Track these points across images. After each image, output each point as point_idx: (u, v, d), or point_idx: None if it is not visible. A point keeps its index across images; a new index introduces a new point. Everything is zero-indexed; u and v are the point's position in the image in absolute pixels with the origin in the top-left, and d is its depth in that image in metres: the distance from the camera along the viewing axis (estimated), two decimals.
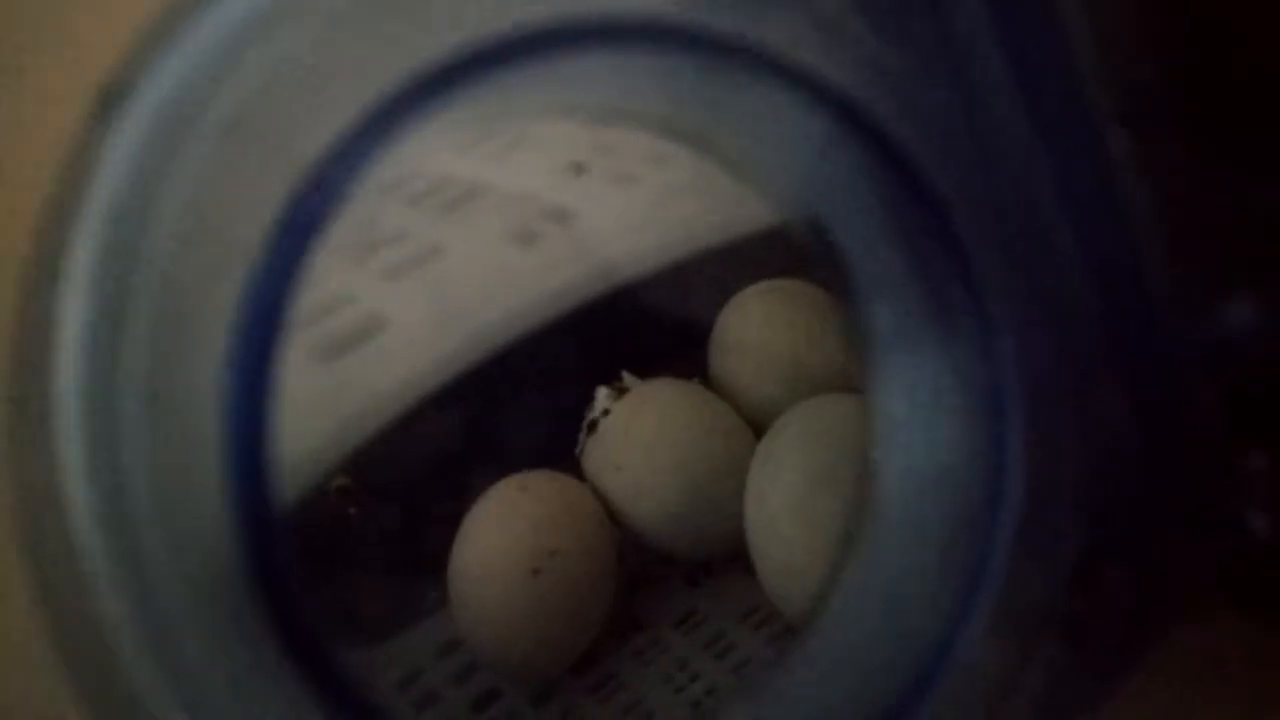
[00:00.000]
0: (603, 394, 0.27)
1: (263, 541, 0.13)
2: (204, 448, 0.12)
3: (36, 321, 0.12)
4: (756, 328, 0.27)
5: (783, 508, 0.24)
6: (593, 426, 0.27)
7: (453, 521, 0.25)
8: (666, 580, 0.27)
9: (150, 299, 0.12)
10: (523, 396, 0.26)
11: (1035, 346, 0.14)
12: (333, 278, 0.24)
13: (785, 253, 0.28)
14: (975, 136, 0.14)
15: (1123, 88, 0.14)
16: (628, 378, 0.27)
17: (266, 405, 0.13)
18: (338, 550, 0.25)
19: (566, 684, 0.25)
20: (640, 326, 0.28)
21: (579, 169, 0.25)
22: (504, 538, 0.25)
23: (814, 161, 0.14)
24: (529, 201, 0.25)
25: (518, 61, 0.13)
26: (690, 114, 0.15)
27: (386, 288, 0.24)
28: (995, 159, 0.14)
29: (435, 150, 0.16)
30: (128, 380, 0.12)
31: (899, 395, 0.15)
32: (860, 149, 0.14)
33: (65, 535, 0.12)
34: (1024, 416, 0.14)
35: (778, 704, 0.15)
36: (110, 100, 0.12)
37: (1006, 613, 0.14)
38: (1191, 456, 0.15)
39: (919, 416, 0.15)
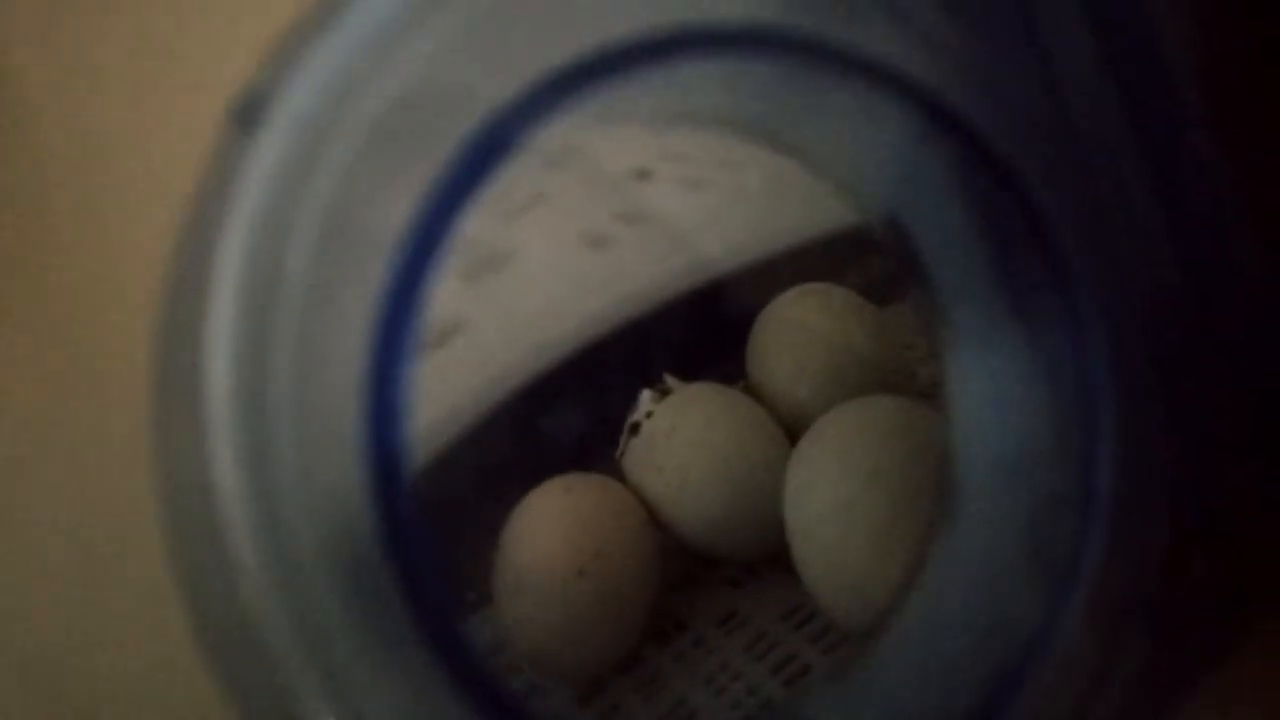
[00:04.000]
0: (646, 396, 0.27)
1: (395, 517, 0.13)
2: (345, 432, 0.13)
3: (182, 330, 0.13)
4: (791, 332, 0.28)
5: (823, 510, 0.24)
6: (635, 429, 0.27)
7: (495, 523, 0.26)
8: (708, 581, 0.27)
9: (294, 303, 0.13)
10: (565, 400, 0.27)
11: (1125, 340, 0.14)
12: None
13: (822, 258, 0.28)
14: (1062, 130, 0.14)
15: (1212, 87, 0.14)
16: (670, 380, 0.27)
17: (402, 398, 0.13)
18: None
19: (610, 684, 0.25)
20: (680, 332, 0.28)
21: (643, 174, 0.26)
22: (549, 539, 0.25)
23: (897, 159, 0.15)
24: (598, 204, 0.26)
25: (628, 70, 0.13)
26: (771, 115, 0.16)
27: (463, 291, 0.24)
28: (1083, 154, 0.14)
29: None
30: (275, 371, 0.13)
31: (979, 389, 0.15)
32: (945, 145, 0.14)
33: (212, 523, 0.12)
34: (1115, 410, 0.14)
35: (866, 692, 0.15)
36: (248, 110, 0.13)
37: (1098, 604, 0.14)
38: None
39: (1001, 409, 0.15)
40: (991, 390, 0.15)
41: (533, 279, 0.25)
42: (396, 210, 0.13)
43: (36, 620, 0.20)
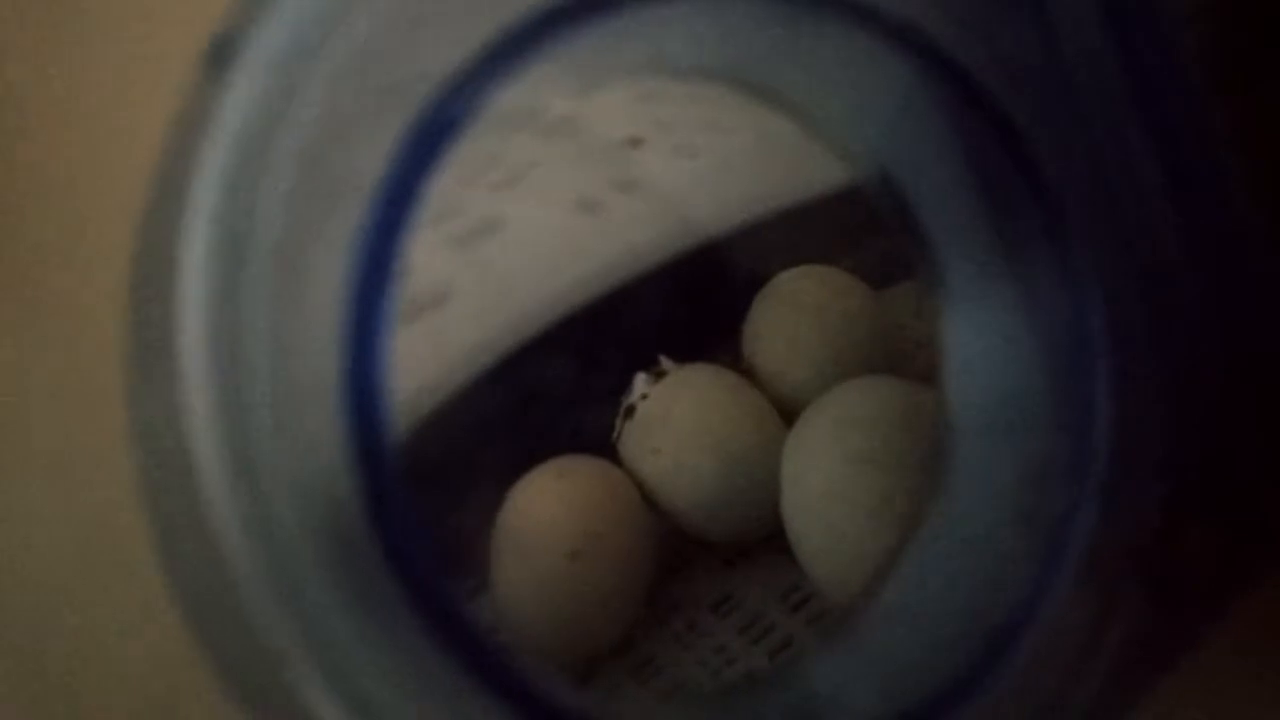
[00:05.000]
0: (640, 379, 0.27)
1: (377, 479, 0.13)
2: (323, 386, 0.12)
3: (156, 272, 0.12)
4: (787, 314, 0.28)
5: (820, 491, 0.24)
6: (630, 411, 0.27)
7: (492, 509, 0.25)
8: (703, 563, 0.27)
9: (268, 245, 0.12)
10: (558, 383, 0.27)
11: (1123, 301, 0.14)
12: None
13: (818, 239, 0.28)
14: (1060, 87, 0.14)
15: (1214, 47, 0.14)
16: (665, 362, 0.27)
17: (381, 347, 0.13)
18: None
19: (605, 667, 0.25)
20: (674, 313, 0.28)
21: (635, 143, 0.26)
22: (542, 522, 0.25)
23: (892, 112, 0.14)
24: (590, 172, 0.25)
25: (607, 11, 0.13)
26: (763, 65, 0.15)
27: (451, 257, 0.24)
28: (1081, 111, 0.14)
29: (483, 130, 0.16)
30: (249, 323, 0.12)
31: (973, 347, 0.15)
32: (941, 96, 0.14)
33: (187, 474, 0.12)
34: (1110, 372, 0.14)
35: (856, 656, 0.15)
36: (221, 52, 0.12)
37: (1091, 566, 0.14)
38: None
39: (995, 363, 0.15)
40: (985, 348, 0.15)
41: (522, 244, 0.25)
42: (374, 154, 0.12)
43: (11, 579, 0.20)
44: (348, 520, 0.13)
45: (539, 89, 0.14)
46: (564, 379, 0.27)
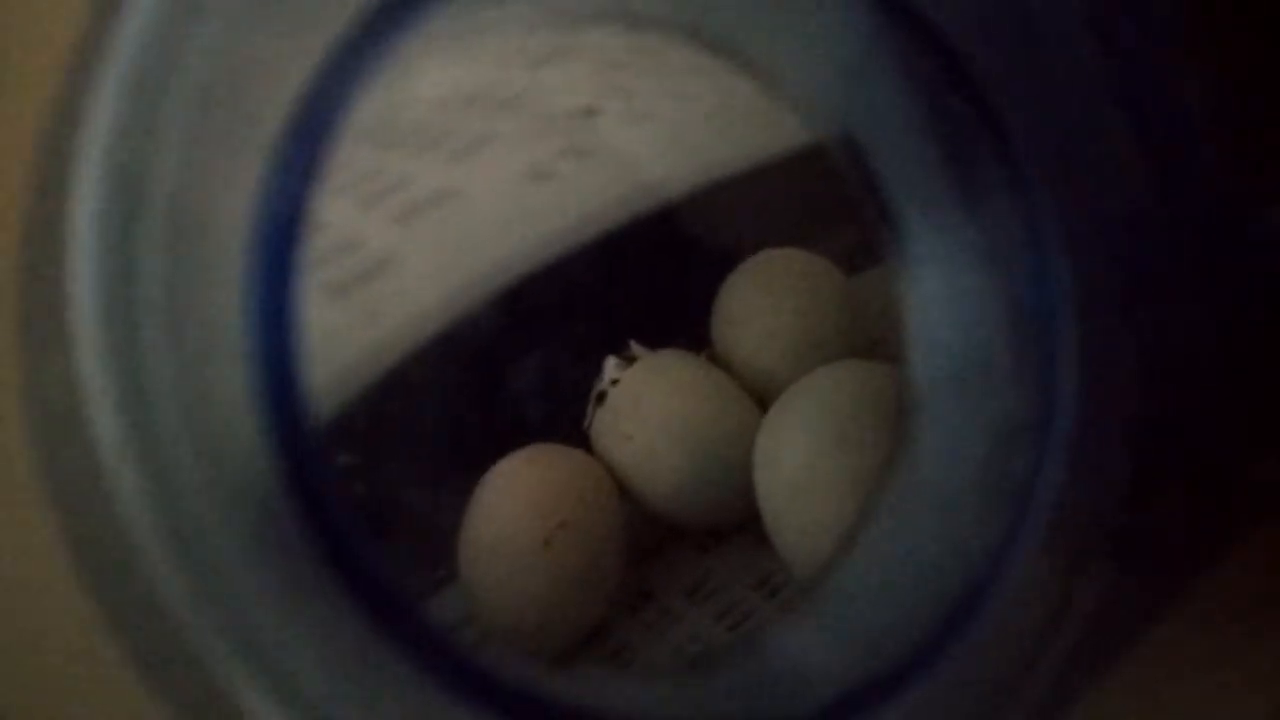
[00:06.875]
0: (611, 364, 0.27)
1: (296, 449, 0.12)
2: (229, 349, 0.12)
3: (46, 226, 0.12)
4: (758, 298, 0.28)
5: (794, 475, 0.24)
6: (601, 398, 0.26)
7: (461, 499, 0.25)
8: (676, 550, 0.26)
9: (165, 193, 0.12)
10: (527, 371, 0.26)
11: (1089, 256, 0.14)
12: (343, 224, 0.24)
13: (784, 223, 0.28)
14: (1023, 34, 0.14)
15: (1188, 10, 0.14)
16: (636, 347, 0.27)
17: (291, 307, 0.12)
18: None
19: (579, 656, 0.25)
20: (643, 299, 0.28)
21: (590, 112, 0.25)
22: (513, 511, 0.25)
23: (852, 60, 0.14)
24: (545, 142, 0.25)
25: None
26: (721, 19, 0.15)
27: (398, 229, 0.24)
28: (1045, 59, 0.14)
29: (441, 99, 0.16)
30: (146, 285, 0.12)
31: (935, 302, 0.14)
32: (900, 43, 0.14)
33: (85, 445, 0.12)
34: (1075, 325, 0.14)
35: (821, 623, 0.15)
36: None
37: (1059, 530, 0.14)
38: (1252, 371, 0.15)
39: (957, 324, 0.14)
40: (948, 304, 0.14)
41: (471, 213, 0.25)
42: (288, 72, 0.12)
43: None
44: (262, 487, 0.12)
45: (503, 53, 0.13)
46: (537, 369, 0.26)
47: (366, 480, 0.25)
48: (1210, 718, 0.16)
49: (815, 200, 0.27)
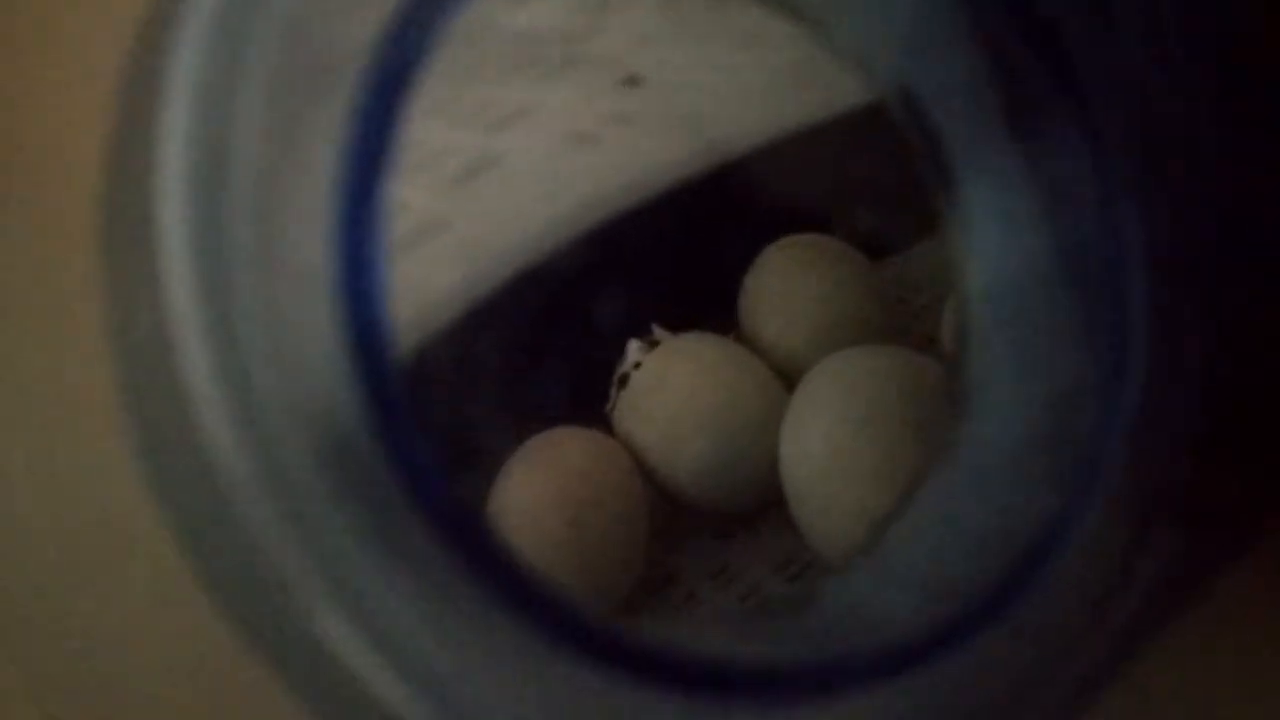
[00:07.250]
0: (634, 347, 0.26)
1: (378, 381, 0.12)
2: (314, 287, 0.12)
3: (133, 175, 0.12)
4: (782, 282, 0.27)
5: (820, 458, 0.24)
6: (624, 381, 0.26)
7: (486, 482, 0.25)
8: (699, 533, 0.26)
9: (253, 131, 0.12)
10: (551, 355, 0.26)
11: (1155, 201, 0.13)
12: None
13: (809, 212, 0.28)
14: None
15: None
16: (658, 331, 0.27)
17: (376, 234, 0.12)
18: None
19: None
20: (670, 281, 0.27)
21: (634, 81, 0.25)
22: (538, 492, 0.25)
23: (913, 12, 0.14)
24: (587, 109, 0.25)
25: None
26: None
27: (443, 195, 0.24)
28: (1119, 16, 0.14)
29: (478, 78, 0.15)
30: (236, 210, 0.12)
31: (995, 262, 0.14)
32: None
33: (173, 377, 0.11)
34: (1144, 279, 0.14)
35: (882, 571, 0.14)
36: None
37: (1124, 494, 0.14)
38: None
39: (1021, 284, 0.14)
40: (1010, 265, 0.14)
41: (515, 177, 0.24)
42: (367, 22, 0.12)
43: None
44: (350, 436, 0.12)
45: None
46: (561, 356, 0.26)
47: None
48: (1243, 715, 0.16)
49: (843, 182, 0.27)
